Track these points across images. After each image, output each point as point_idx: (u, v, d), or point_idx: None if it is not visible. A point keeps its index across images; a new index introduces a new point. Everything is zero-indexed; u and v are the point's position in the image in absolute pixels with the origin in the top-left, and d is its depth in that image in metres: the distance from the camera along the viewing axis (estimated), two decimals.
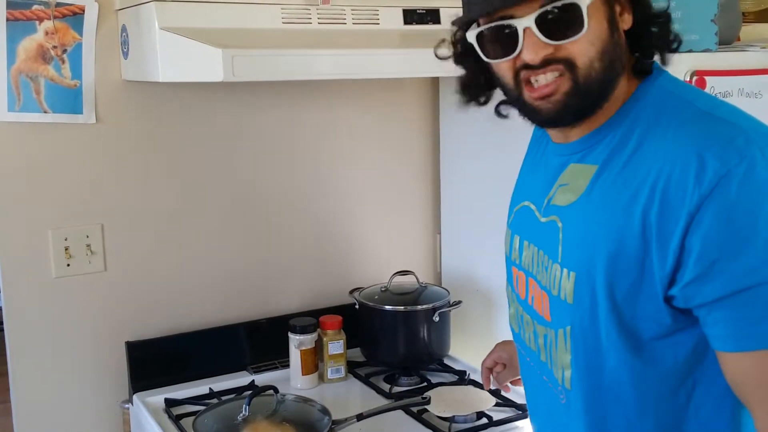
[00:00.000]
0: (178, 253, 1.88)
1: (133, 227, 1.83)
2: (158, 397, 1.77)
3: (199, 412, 1.59)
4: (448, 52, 1.09)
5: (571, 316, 1.00)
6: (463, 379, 1.88)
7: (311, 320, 1.86)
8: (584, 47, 0.94)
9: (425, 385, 1.87)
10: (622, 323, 0.96)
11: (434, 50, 1.12)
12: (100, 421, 1.84)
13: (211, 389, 1.81)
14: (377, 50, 1.52)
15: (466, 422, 1.65)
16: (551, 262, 1.03)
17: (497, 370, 1.54)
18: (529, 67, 0.95)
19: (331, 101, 2.01)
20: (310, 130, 2.00)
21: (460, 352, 1.99)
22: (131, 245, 1.83)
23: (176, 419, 1.67)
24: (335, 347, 1.87)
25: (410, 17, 1.68)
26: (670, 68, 1.03)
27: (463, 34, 1.02)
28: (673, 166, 0.90)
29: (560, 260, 1.01)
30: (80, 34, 1.69)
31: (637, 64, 1.01)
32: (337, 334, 1.88)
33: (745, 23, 1.96)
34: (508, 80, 0.99)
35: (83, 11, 1.68)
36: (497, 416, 1.67)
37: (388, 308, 1.89)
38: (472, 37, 0.99)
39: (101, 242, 1.79)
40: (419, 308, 1.89)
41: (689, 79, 1.44)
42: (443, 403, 1.69)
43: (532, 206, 1.11)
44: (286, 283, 2.02)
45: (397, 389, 1.83)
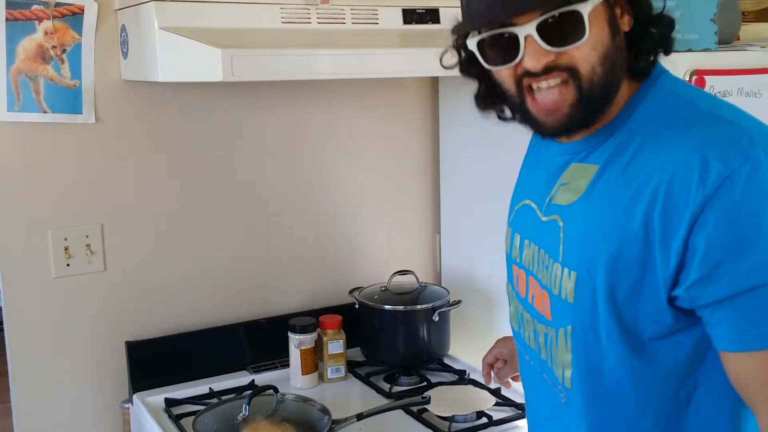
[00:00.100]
0: (177, 253, 1.88)
1: (132, 227, 1.83)
2: (158, 396, 1.77)
3: (199, 411, 1.59)
4: (453, 60, 1.08)
5: (571, 315, 1.01)
6: (462, 378, 1.88)
7: (311, 320, 1.86)
8: (586, 53, 0.93)
9: (425, 384, 1.87)
10: (622, 323, 0.96)
11: (439, 59, 1.11)
12: (100, 421, 1.84)
13: (211, 389, 1.81)
14: (377, 50, 1.52)
15: (465, 422, 1.65)
16: (552, 261, 1.03)
17: (498, 366, 1.54)
18: (530, 74, 0.95)
19: (330, 101, 2.01)
20: (310, 130, 2.00)
21: (459, 351, 1.99)
22: (131, 245, 1.83)
23: (176, 419, 1.67)
24: (335, 347, 1.87)
25: (410, 17, 1.68)
26: (669, 68, 1.03)
27: (463, 41, 1.02)
28: (675, 166, 0.90)
29: (561, 259, 1.01)
30: (80, 34, 1.69)
31: (637, 64, 1.00)
32: (336, 333, 1.88)
33: (744, 23, 1.96)
34: (509, 87, 0.99)
35: (83, 11, 1.68)
36: (497, 416, 1.67)
37: (387, 308, 1.89)
38: (473, 44, 0.98)
39: (101, 242, 1.79)
40: (419, 308, 1.89)
41: (689, 78, 1.45)
42: (443, 402, 1.69)
43: (533, 205, 1.11)
44: (286, 282, 2.02)
45: (397, 389, 1.83)
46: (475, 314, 2.05)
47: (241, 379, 1.87)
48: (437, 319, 1.88)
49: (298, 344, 1.83)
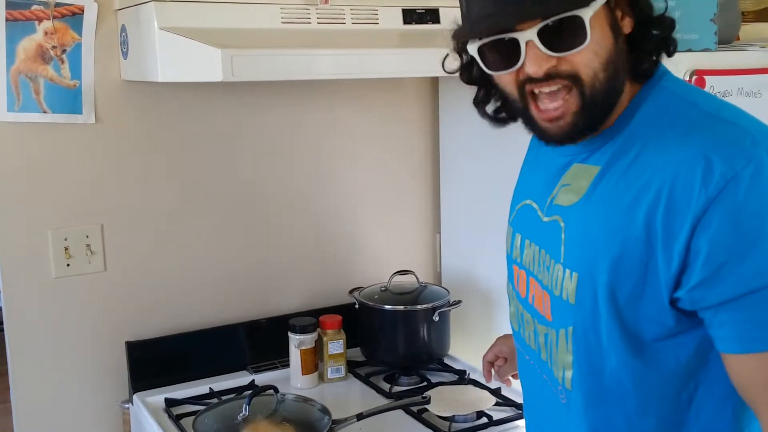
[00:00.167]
0: (177, 253, 1.88)
1: (132, 227, 1.83)
2: (158, 396, 1.77)
3: (199, 411, 1.59)
4: (455, 65, 1.08)
5: (573, 316, 1.00)
6: (463, 378, 1.88)
7: (311, 320, 1.86)
8: (588, 58, 0.92)
9: (425, 384, 1.87)
10: (624, 324, 0.96)
11: (441, 63, 1.11)
12: (100, 421, 1.84)
13: (211, 389, 1.81)
14: (377, 50, 1.52)
15: (466, 422, 1.65)
16: (553, 262, 1.03)
17: (498, 363, 1.54)
18: (532, 80, 0.94)
19: (330, 101, 2.01)
20: (309, 130, 2.00)
21: (459, 351, 1.99)
22: (131, 245, 1.83)
23: (176, 419, 1.67)
24: (335, 347, 1.87)
25: (409, 17, 1.68)
26: (669, 68, 1.03)
27: (464, 46, 1.02)
28: (678, 168, 0.89)
29: (563, 261, 1.01)
30: (79, 34, 1.69)
31: (639, 66, 1.00)
32: (336, 333, 1.88)
33: (744, 22, 1.96)
34: (511, 92, 0.98)
35: (82, 11, 1.68)
36: (497, 416, 1.67)
37: (387, 308, 1.89)
38: (473, 50, 0.97)
39: (101, 242, 1.79)
40: (419, 308, 1.89)
41: (689, 78, 1.45)
42: (443, 402, 1.69)
43: (534, 205, 1.11)
44: (286, 282, 2.02)
45: (397, 389, 1.83)
46: (475, 314, 2.05)
47: (241, 379, 1.87)
48: (437, 319, 1.88)
49: (298, 344, 1.83)
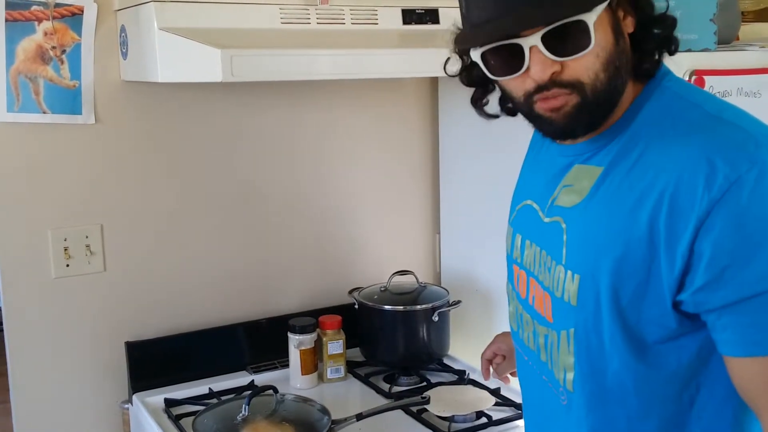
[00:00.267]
0: (177, 253, 1.88)
1: (132, 227, 1.83)
2: (158, 397, 1.77)
3: (198, 412, 1.59)
4: (456, 68, 1.07)
5: (574, 318, 1.00)
6: (462, 378, 1.88)
7: (310, 320, 1.86)
8: (590, 61, 0.92)
9: (425, 384, 1.87)
10: (626, 326, 0.96)
11: (443, 67, 1.10)
12: (99, 421, 1.84)
13: (210, 389, 1.81)
14: (376, 50, 1.52)
15: (465, 422, 1.65)
16: (555, 263, 1.03)
17: (497, 361, 1.54)
18: (539, 90, 0.93)
19: (330, 101, 2.01)
20: (309, 130, 2.00)
21: (459, 351, 1.99)
22: (130, 245, 1.83)
23: (176, 419, 1.67)
24: (335, 347, 1.87)
25: (409, 17, 1.68)
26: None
27: (465, 50, 1.01)
28: (681, 169, 0.89)
29: (564, 262, 1.01)
30: (79, 34, 1.69)
31: (641, 66, 0.99)
32: (336, 333, 1.88)
33: (744, 22, 1.96)
34: (518, 97, 0.98)
35: (82, 12, 1.68)
36: (496, 416, 1.67)
37: (387, 308, 1.89)
38: (476, 56, 0.97)
39: (100, 242, 1.79)
40: (418, 308, 1.89)
41: (688, 78, 1.44)
42: (443, 402, 1.69)
43: (535, 205, 1.10)
44: (285, 283, 2.02)
45: (396, 389, 1.83)
46: (474, 314, 2.05)
47: (240, 379, 1.87)
48: (437, 319, 1.88)
49: (297, 344, 1.83)
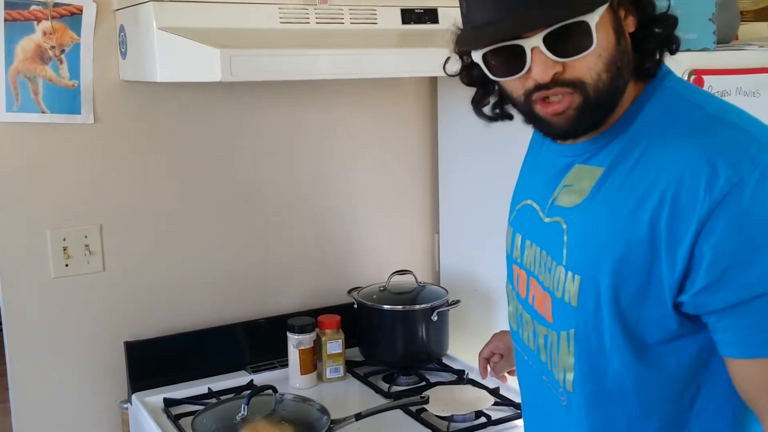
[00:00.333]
0: (176, 253, 1.88)
1: (131, 227, 1.83)
2: (157, 397, 1.77)
3: (197, 411, 1.59)
4: (456, 67, 1.07)
5: (574, 319, 1.00)
6: (461, 378, 1.88)
7: (310, 320, 1.86)
8: (592, 62, 0.92)
9: (424, 384, 1.87)
10: (626, 327, 0.96)
11: (443, 66, 1.10)
12: (99, 421, 1.84)
13: (209, 389, 1.81)
14: (375, 50, 1.52)
15: (464, 421, 1.65)
16: (555, 264, 1.03)
17: (494, 360, 1.53)
18: (540, 88, 0.93)
19: (329, 101, 2.01)
20: (309, 130, 2.00)
21: (458, 351, 1.99)
22: (130, 245, 1.83)
23: (175, 419, 1.67)
24: (334, 347, 1.87)
25: (408, 17, 1.68)
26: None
27: (467, 52, 1.01)
28: (683, 171, 0.89)
29: (565, 263, 1.01)
30: (78, 34, 1.69)
31: (643, 65, 0.99)
32: (335, 333, 1.88)
33: (743, 22, 1.96)
34: (518, 96, 0.97)
35: (81, 11, 1.68)
36: (496, 415, 1.67)
37: (386, 308, 1.89)
38: (477, 57, 0.96)
39: (100, 242, 1.79)
40: (418, 308, 1.89)
41: (687, 78, 1.45)
42: (442, 402, 1.69)
43: (535, 205, 1.10)
44: (284, 282, 2.02)
45: (395, 389, 1.83)
46: (473, 314, 2.05)
47: (239, 379, 1.87)
48: (436, 318, 1.88)
49: (296, 344, 1.83)
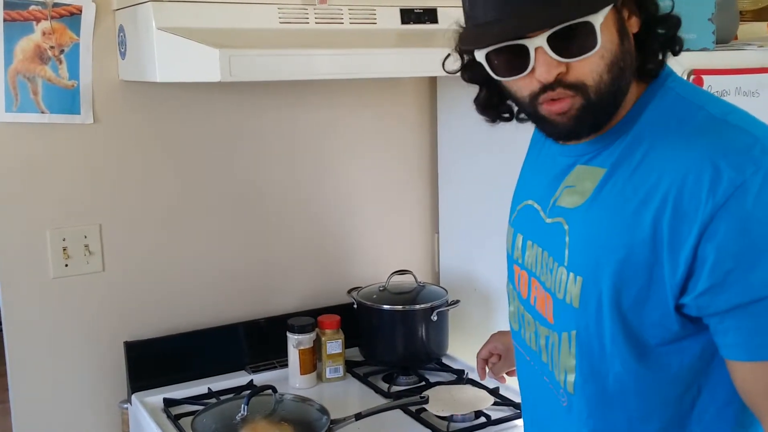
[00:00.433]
0: (176, 253, 1.88)
1: (131, 227, 1.83)
2: (157, 397, 1.77)
3: (197, 411, 1.59)
4: (455, 65, 1.07)
5: (576, 320, 1.00)
6: (461, 378, 1.88)
7: (309, 320, 1.86)
8: (595, 63, 0.92)
9: (423, 384, 1.87)
10: (628, 329, 0.96)
11: (442, 64, 1.10)
12: (98, 421, 1.84)
13: (209, 389, 1.81)
14: (375, 50, 1.52)
15: (464, 421, 1.65)
16: (557, 264, 1.02)
17: (492, 361, 1.53)
18: (545, 90, 0.93)
19: (329, 101, 2.01)
20: (308, 130, 2.00)
21: (458, 351, 1.99)
22: (129, 245, 1.83)
23: (175, 419, 1.67)
24: (333, 347, 1.87)
25: (407, 17, 1.68)
26: None
27: (470, 51, 1.00)
28: (686, 173, 0.89)
29: (566, 264, 1.00)
30: (77, 34, 1.69)
31: (645, 66, 0.99)
32: (335, 333, 1.88)
33: (742, 22, 1.96)
34: (522, 96, 0.97)
35: (80, 11, 1.68)
36: (495, 415, 1.67)
37: (386, 308, 1.89)
38: (481, 56, 0.96)
39: (99, 242, 1.79)
40: (417, 308, 1.89)
41: (686, 78, 1.44)
42: (441, 402, 1.69)
43: (536, 206, 1.10)
44: (284, 282, 2.02)
45: (395, 388, 1.83)
46: (473, 314, 2.05)
47: (239, 379, 1.87)
48: (435, 318, 1.88)
49: (296, 344, 1.83)
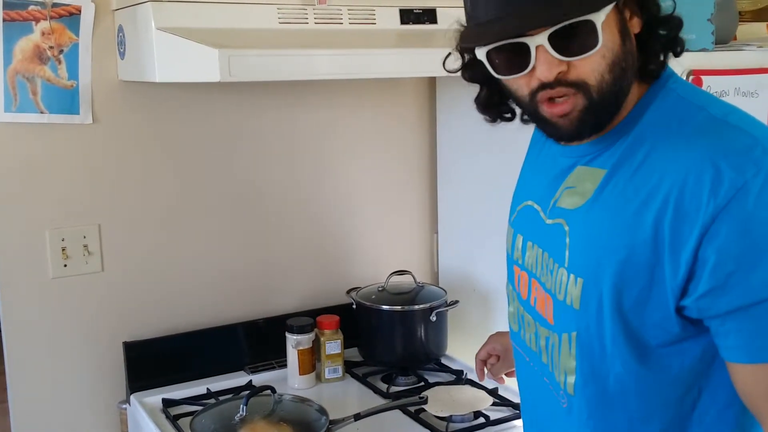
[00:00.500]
0: (175, 253, 1.88)
1: (130, 227, 1.82)
2: (156, 397, 1.77)
3: (196, 412, 1.59)
4: (456, 65, 1.07)
5: (576, 322, 1.00)
6: (460, 378, 1.88)
7: (308, 320, 1.86)
8: (596, 62, 0.92)
9: (422, 384, 1.87)
10: (628, 330, 0.96)
11: (442, 63, 1.09)
12: (97, 421, 1.84)
13: (208, 389, 1.81)
14: (374, 50, 1.52)
15: (463, 422, 1.65)
16: (557, 266, 1.02)
17: (491, 362, 1.53)
18: (544, 87, 0.93)
19: (328, 101, 2.01)
20: (308, 130, 2.00)
21: (457, 351, 1.99)
22: (128, 245, 1.83)
23: (174, 419, 1.67)
24: (332, 347, 1.87)
25: (407, 17, 1.68)
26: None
27: (470, 49, 1.00)
28: (687, 174, 0.89)
29: (567, 265, 1.00)
30: (77, 34, 1.69)
31: (646, 67, 0.99)
32: (334, 333, 1.88)
33: (741, 22, 1.96)
34: (522, 95, 0.97)
35: (80, 11, 1.68)
36: (494, 416, 1.67)
37: (385, 308, 1.89)
38: (481, 54, 0.96)
39: (98, 242, 1.79)
40: (416, 308, 1.89)
41: (686, 78, 1.45)
42: (440, 402, 1.69)
43: (536, 206, 1.10)
44: (283, 282, 2.02)
45: (394, 389, 1.83)
46: (472, 314, 2.05)
47: (238, 379, 1.87)
48: (435, 319, 1.88)
49: (295, 344, 1.83)
